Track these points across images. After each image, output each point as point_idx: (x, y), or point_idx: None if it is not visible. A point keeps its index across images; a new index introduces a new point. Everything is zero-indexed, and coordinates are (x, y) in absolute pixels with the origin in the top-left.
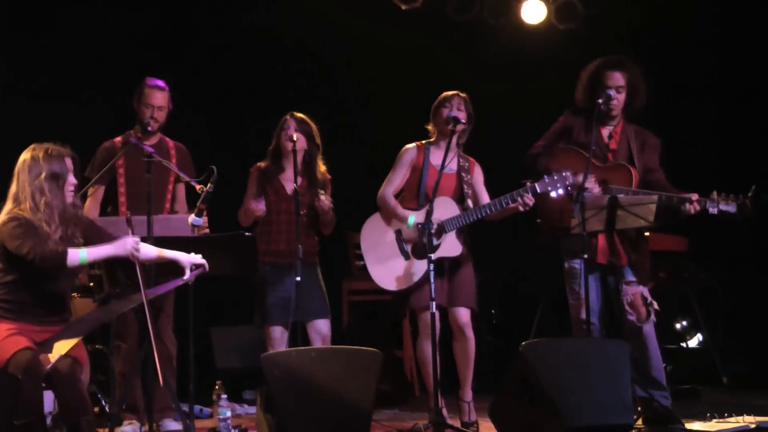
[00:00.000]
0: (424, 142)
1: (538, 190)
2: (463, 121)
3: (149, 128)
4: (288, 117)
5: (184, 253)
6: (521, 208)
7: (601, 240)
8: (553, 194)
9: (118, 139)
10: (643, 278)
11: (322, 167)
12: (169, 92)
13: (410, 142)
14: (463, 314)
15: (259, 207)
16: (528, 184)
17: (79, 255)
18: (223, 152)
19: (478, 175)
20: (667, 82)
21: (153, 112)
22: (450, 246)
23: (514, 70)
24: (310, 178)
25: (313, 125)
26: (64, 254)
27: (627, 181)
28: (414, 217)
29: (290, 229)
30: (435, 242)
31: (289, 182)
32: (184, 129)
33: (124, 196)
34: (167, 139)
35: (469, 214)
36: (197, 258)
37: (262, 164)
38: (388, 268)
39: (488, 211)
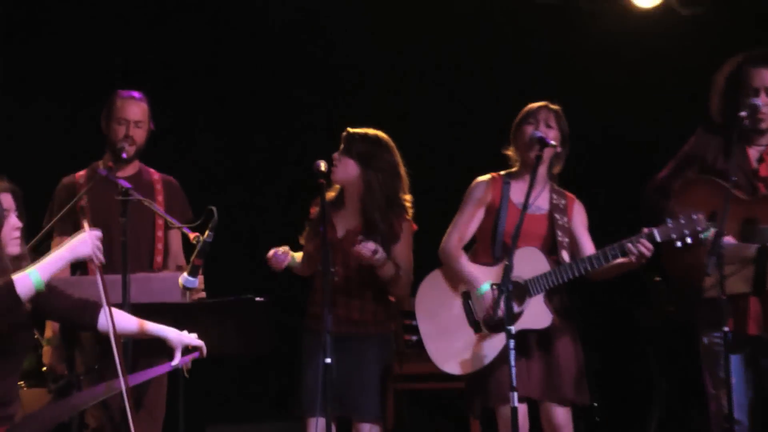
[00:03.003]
0: (502, 173)
1: (658, 238)
2: (554, 142)
3: (123, 154)
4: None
5: (174, 330)
6: (635, 261)
7: (754, 305)
8: (678, 243)
9: (81, 173)
10: None
11: (407, 207)
12: (149, 106)
13: (485, 173)
14: (559, 414)
15: (279, 259)
16: (645, 230)
17: (30, 278)
18: (232, 186)
19: (578, 217)
20: None
21: (128, 130)
22: (536, 314)
23: (616, 68)
24: (368, 220)
25: (376, 141)
26: (11, 284)
27: None
28: (488, 284)
29: (345, 286)
30: (516, 309)
31: (344, 222)
32: (174, 156)
33: None
34: (150, 169)
35: (563, 271)
36: (191, 338)
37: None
38: (452, 344)
39: (590, 267)
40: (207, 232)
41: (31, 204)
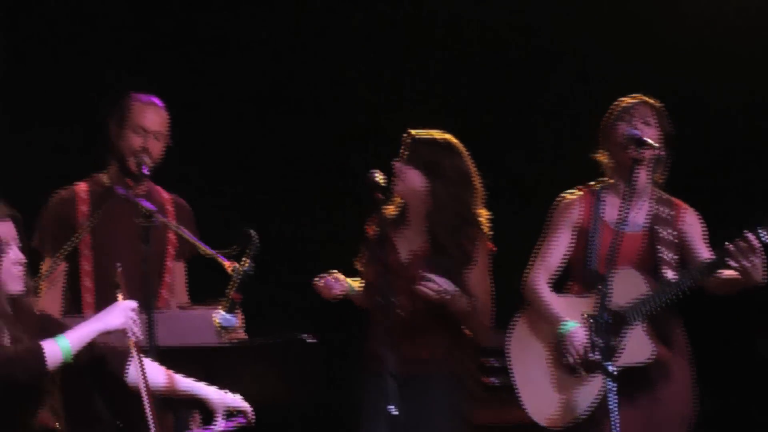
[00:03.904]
0: (593, 185)
1: (765, 239)
2: (654, 142)
3: (144, 168)
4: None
5: (215, 389)
6: (740, 275)
7: None
8: None
9: (82, 185)
10: None
11: (483, 226)
12: (170, 117)
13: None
14: None
15: (330, 286)
16: (748, 232)
17: (58, 346)
18: (265, 203)
19: (692, 228)
20: None
21: (147, 141)
22: (635, 347)
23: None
24: (436, 241)
25: (446, 146)
26: (40, 353)
27: None
28: (572, 323)
29: (411, 318)
30: (614, 343)
31: (408, 243)
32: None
33: (90, 279)
34: (159, 188)
35: (662, 293)
36: (236, 400)
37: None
38: (546, 392)
39: (689, 282)
40: (246, 261)
41: None
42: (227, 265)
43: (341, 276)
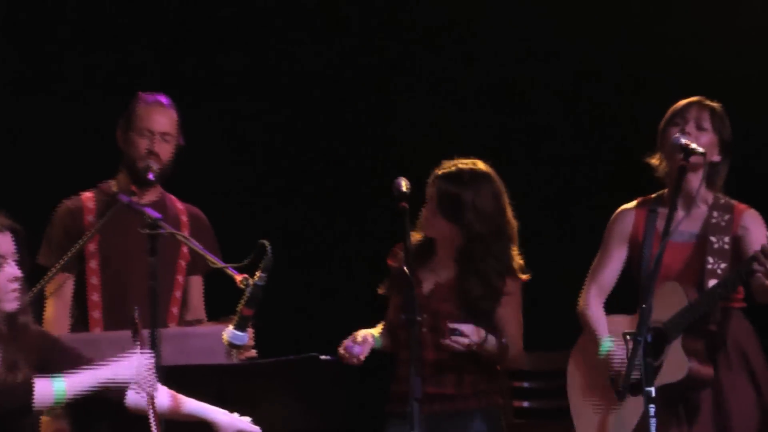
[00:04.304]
0: (654, 196)
1: None
2: (701, 149)
3: (149, 174)
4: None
5: (224, 411)
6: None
7: None
8: None
9: (88, 194)
10: None
11: (516, 263)
12: (179, 116)
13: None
14: None
15: (354, 352)
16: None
17: (53, 388)
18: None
19: (748, 232)
20: None
21: (152, 144)
22: (672, 364)
23: None
24: (465, 270)
25: (469, 185)
26: (29, 389)
27: None
28: (608, 344)
29: (435, 355)
30: (655, 363)
31: (434, 272)
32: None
33: (98, 294)
34: (172, 197)
35: (699, 303)
36: (246, 423)
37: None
38: (593, 415)
39: (722, 292)
40: (258, 274)
41: None
42: (238, 278)
43: (363, 334)
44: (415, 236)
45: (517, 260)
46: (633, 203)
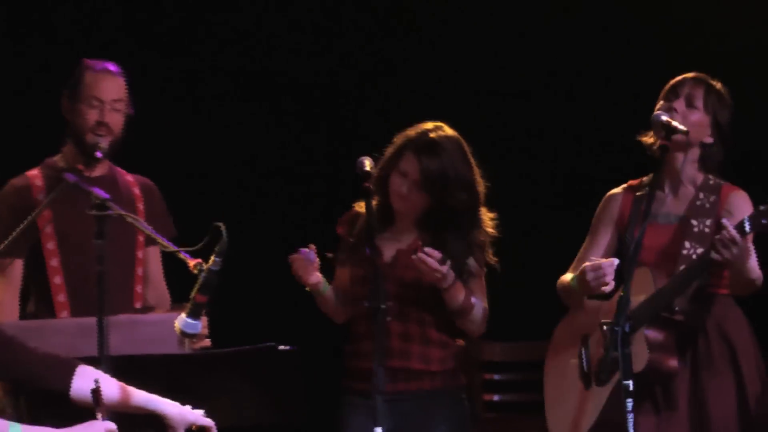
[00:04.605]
0: (645, 179)
1: (747, 228)
2: (682, 128)
3: (98, 153)
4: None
5: (174, 403)
6: (719, 256)
7: None
8: None
9: (35, 172)
10: None
11: (486, 221)
12: (127, 82)
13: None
14: None
15: (308, 259)
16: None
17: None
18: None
19: (735, 219)
20: None
21: (103, 114)
22: (635, 355)
23: None
24: (438, 235)
25: (452, 141)
26: None
27: None
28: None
29: (401, 326)
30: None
31: (393, 242)
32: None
33: (60, 276)
34: (121, 170)
35: (663, 292)
36: (198, 416)
37: (358, 206)
38: (563, 403)
39: (680, 280)
40: (213, 258)
41: None
42: (191, 263)
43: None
44: (361, 205)
45: (490, 229)
46: (621, 187)
